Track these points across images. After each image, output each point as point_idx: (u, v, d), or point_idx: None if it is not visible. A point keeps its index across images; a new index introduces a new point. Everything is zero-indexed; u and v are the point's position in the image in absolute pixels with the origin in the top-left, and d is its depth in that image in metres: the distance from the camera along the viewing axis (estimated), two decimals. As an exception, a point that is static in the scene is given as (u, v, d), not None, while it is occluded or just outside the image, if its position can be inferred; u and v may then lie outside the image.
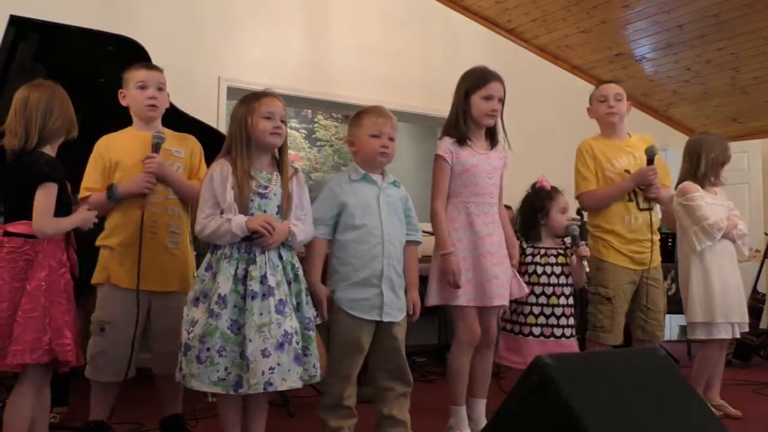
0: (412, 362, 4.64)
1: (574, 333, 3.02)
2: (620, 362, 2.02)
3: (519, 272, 3.03)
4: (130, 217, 2.65)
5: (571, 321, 3.03)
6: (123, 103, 2.76)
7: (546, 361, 1.70)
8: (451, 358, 2.90)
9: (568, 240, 3.12)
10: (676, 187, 3.62)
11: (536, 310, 3.00)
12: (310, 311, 2.42)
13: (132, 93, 2.73)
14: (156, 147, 2.65)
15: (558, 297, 3.01)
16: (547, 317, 2.99)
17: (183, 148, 2.81)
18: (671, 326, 7.03)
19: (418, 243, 2.73)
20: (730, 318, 3.44)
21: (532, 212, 3.11)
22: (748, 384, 4.35)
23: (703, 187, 3.53)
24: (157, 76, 2.76)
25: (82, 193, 2.66)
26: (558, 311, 3.00)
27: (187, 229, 2.81)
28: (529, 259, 3.07)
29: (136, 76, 2.73)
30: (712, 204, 3.52)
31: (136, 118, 2.77)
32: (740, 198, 6.35)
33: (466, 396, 2.92)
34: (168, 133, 2.78)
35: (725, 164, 3.58)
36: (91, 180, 2.68)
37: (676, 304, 3.71)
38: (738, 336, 3.59)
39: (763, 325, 5.64)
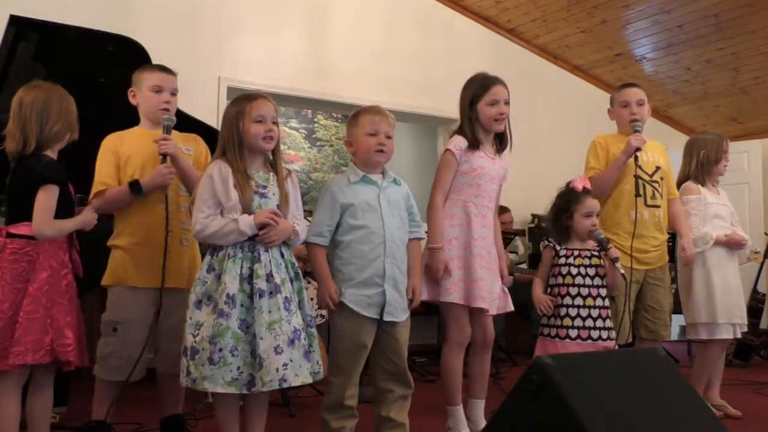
0: (412, 362, 4.65)
1: (612, 335, 2.98)
2: (620, 362, 2.02)
3: (552, 275, 3.03)
4: (144, 216, 2.64)
5: (609, 323, 2.98)
6: (133, 102, 2.75)
7: (546, 361, 1.70)
8: (443, 358, 2.90)
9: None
10: (677, 188, 3.63)
11: (572, 312, 2.95)
12: (310, 309, 2.44)
13: (145, 94, 2.72)
14: (167, 129, 2.64)
15: (594, 298, 2.97)
16: (584, 319, 2.95)
17: (192, 146, 2.83)
18: (671, 326, 7.02)
19: (421, 239, 2.72)
20: (732, 319, 3.44)
21: (558, 212, 3.07)
22: (748, 384, 4.35)
23: (703, 185, 3.53)
24: (172, 80, 2.76)
25: (96, 188, 2.63)
26: (594, 313, 2.96)
27: None
28: (562, 260, 3.01)
29: (151, 78, 2.71)
30: (713, 204, 3.52)
31: (145, 119, 2.76)
32: (740, 198, 6.36)
33: (465, 396, 2.92)
34: (175, 133, 2.76)
35: (719, 162, 3.55)
36: (105, 175, 2.65)
37: (676, 304, 3.71)
38: (739, 336, 3.59)
39: (763, 325, 5.64)
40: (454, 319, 2.86)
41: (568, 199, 3.04)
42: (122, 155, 2.68)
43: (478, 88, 2.90)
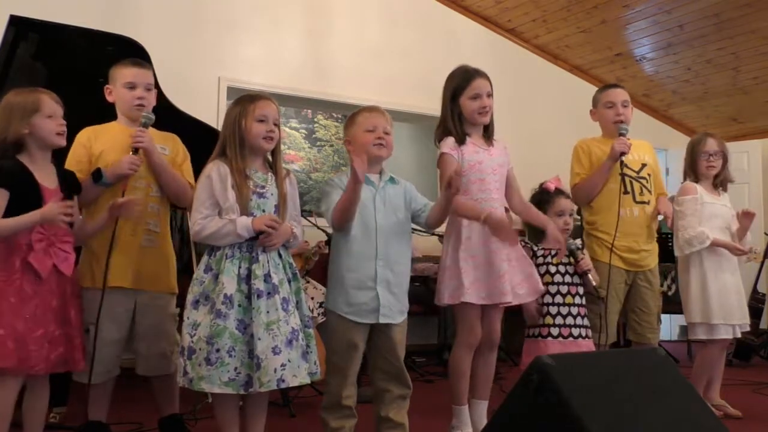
0: (411, 362, 4.64)
1: (589, 334, 3.01)
2: (620, 362, 2.02)
3: None
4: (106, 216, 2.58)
5: (586, 321, 3.01)
6: (109, 99, 2.71)
7: (546, 361, 1.70)
8: (452, 358, 2.90)
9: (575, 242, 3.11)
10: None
11: (553, 310, 2.97)
12: (307, 309, 2.45)
13: (119, 91, 2.68)
14: (144, 126, 2.60)
15: (573, 296, 2.99)
16: (564, 317, 2.96)
17: (169, 145, 2.78)
18: (671, 326, 7.03)
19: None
20: (729, 320, 3.44)
21: None
22: (748, 384, 4.35)
23: (697, 182, 3.54)
24: (145, 75, 2.71)
25: None
26: (574, 311, 2.98)
27: (167, 226, 2.78)
28: (540, 260, 3.04)
29: (124, 74, 2.68)
30: (710, 203, 3.52)
31: (122, 116, 2.73)
32: (740, 198, 6.35)
33: (468, 397, 2.91)
34: (153, 131, 2.71)
35: (696, 163, 3.53)
36: (72, 168, 2.58)
37: (676, 304, 3.71)
38: (738, 336, 3.59)
39: (763, 325, 5.64)
40: (466, 320, 2.83)
41: (540, 200, 3.10)
42: (95, 150, 2.63)
43: (460, 82, 2.87)
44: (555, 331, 2.96)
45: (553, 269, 3.03)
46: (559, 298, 2.99)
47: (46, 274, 2.29)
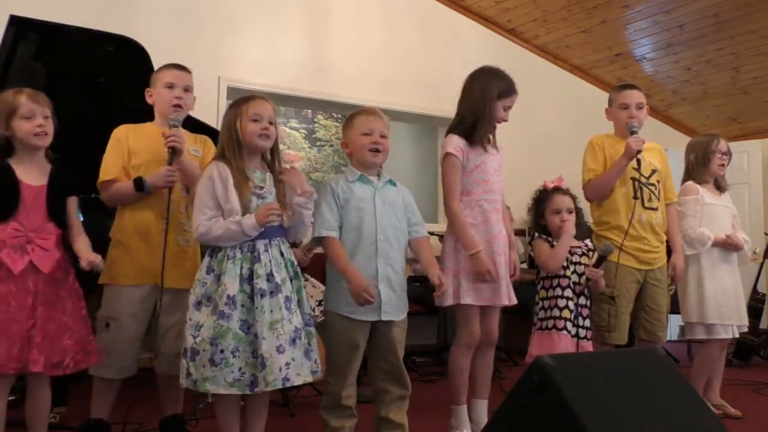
0: (411, 362, 4.65)
1: (589, 335, 3.00)
2: (620, 362, 2.02)
3: None
4: (143, 215, 2.67)
5: (588, 323, 3.01)
6: (149, 101, 2.79)
7: (546, 361, 1.70)
8: (451, 358, 2.90)
9: (590, 243, 3.12)
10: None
11: (571, 304, 2.95)
12: (308, 307, 2.45)
13: (159, 91, 2.76)
14: (171, 128, 2.65)
15: (578, 296, 2.98)
16: (575, 316, 2.96)
17: (200, 147, 2.86)
18: (671, 326, 7.02)
19: (423, 237, 2.70)
20: (725, 320, 3.45)
21: (532, 213, 3.15)
22: (748, 384, 4.36)
23: (701, 185, 3.54)
24: (185, 77, 2.80)
25: (103, 177, 2.65)
26: (584, 312, 2.99)
27: None
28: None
29: (164, 76, 2.76)
30: (710, 204, 3.52)
31: (159, 117, 2.79)
32: (740, 198, 6.35)
33: (468, 396, 2.92)
34: (186, 133, 2.78)
35: (708, 162, 3.56)
36: (110, 165, 2.67)
37: (676, 304, 3.72)
38: (737, 335, 3.60)
39: (763, 325, 5.63)
40: (466, 321, 2.84)
41: (538, 200, 3.12)
42: (129, 147, 2.70)
43: (505, 89, 2.91)
44: (570, 325, 2.92)
45: (571, 266, 3.01)
46: (574, 296, 2.97)
47: (19, 271, 2.29)
